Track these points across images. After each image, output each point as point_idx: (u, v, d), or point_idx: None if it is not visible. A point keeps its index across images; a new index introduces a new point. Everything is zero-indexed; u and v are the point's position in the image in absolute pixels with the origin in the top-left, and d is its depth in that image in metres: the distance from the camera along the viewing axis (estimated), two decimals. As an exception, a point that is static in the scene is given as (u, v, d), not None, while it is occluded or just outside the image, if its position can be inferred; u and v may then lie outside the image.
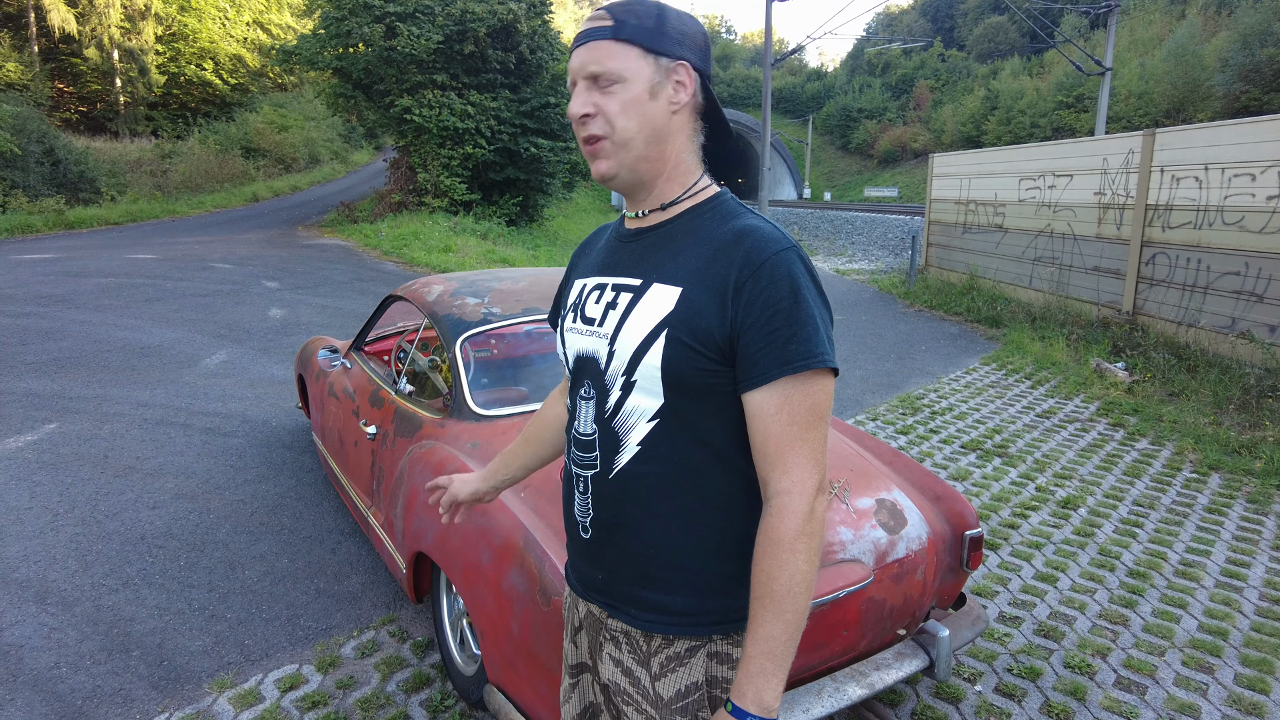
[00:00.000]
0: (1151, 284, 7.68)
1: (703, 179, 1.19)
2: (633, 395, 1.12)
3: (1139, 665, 2.84)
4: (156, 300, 9.63)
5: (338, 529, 3.89)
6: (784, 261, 1.05)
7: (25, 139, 21.37)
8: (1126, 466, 4.84)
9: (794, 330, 1.02)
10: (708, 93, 1.16)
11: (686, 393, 1.09)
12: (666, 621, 1.15)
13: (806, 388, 1.03)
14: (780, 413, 1.03)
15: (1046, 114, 38.78)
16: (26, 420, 5.36)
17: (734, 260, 1.06)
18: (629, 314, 1.13)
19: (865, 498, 2.45)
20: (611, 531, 1.18)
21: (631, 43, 1.10)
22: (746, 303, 1.04)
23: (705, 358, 1.06)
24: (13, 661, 2.81)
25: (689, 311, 1.07)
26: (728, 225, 1.11)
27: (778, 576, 1.01)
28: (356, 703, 2.62)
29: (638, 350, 1.10)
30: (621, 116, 1.10)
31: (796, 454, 1.03)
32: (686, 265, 1.11)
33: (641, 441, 1.12)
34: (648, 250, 1.17)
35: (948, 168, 12.14)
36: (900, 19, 70.87)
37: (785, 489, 1.03)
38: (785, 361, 1.02)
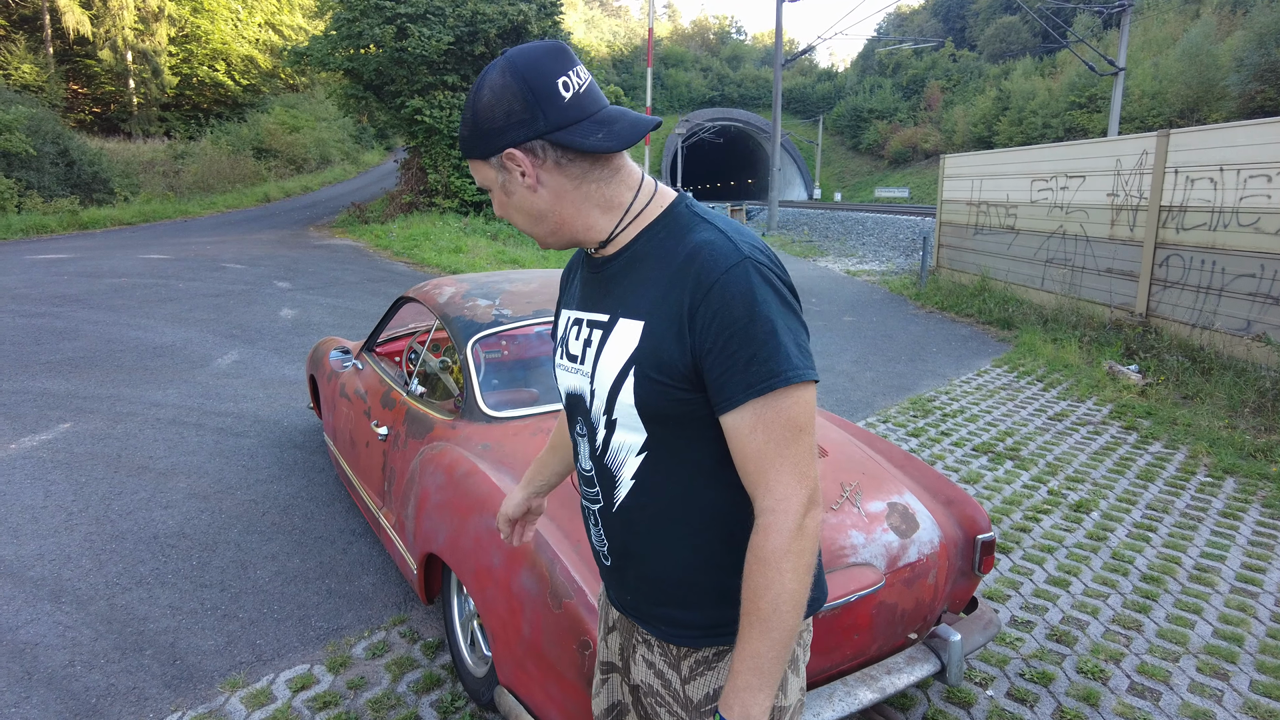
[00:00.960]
0: (1165, 286, 7.63)
1: (639, 195, 1.13)
2: (617, 432, 1.13)
3: (1153, 671, 2.82)
4: (169, 300, 9.69)
5: (349, 529, 3.90)
6: (735, 278, 1.01)
7: (40, 140, 21.57)
8: (1140, 470, 4.80)
9: (753, 350, 0.99)
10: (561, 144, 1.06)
11: (666, 424, 1.08)
12: (691, 635, 1.18)
13: (778, 404, 1.01)
14: (754, 433, 1.01)
15: (1058, 114, 38.59)
16: (41, 419, 5.40)
17: (685, 285, 1.04)
18: (601, 352, 1.13)
19: (877, 501, 2.44)
20: (626, 559, 1.21)
21: (470, 157, 1.11)
22: (701, 328, 1.01)
23: (675, 388, 1.05)
24: (28, 659, 2.83)
25: (652, 344, 1.06)
26: (681, 244, 1.08)
27: (764, 594, 1.01)
28: (367, 703, 2.63)
29: (612, 388, 1.10)
30: (510, 215, 1.14)
31: (778, 471, 1.02)
32: (647, 295, 1.09)
33: (634, 475, 1.13)
34: (611, 283, 1.15)
35: (959, 168, 12.09)
36: (911, 19, 70.66)
37: (770, 506, 1.02)
38: (749, 385, 1.00)
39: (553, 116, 1.04)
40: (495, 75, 1.05)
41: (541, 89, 1.04)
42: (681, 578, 1.15)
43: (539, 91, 1.04)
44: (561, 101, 1.04)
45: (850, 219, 23.41)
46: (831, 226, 23.51)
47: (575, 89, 1.05)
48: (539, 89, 1.04)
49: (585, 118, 1.06)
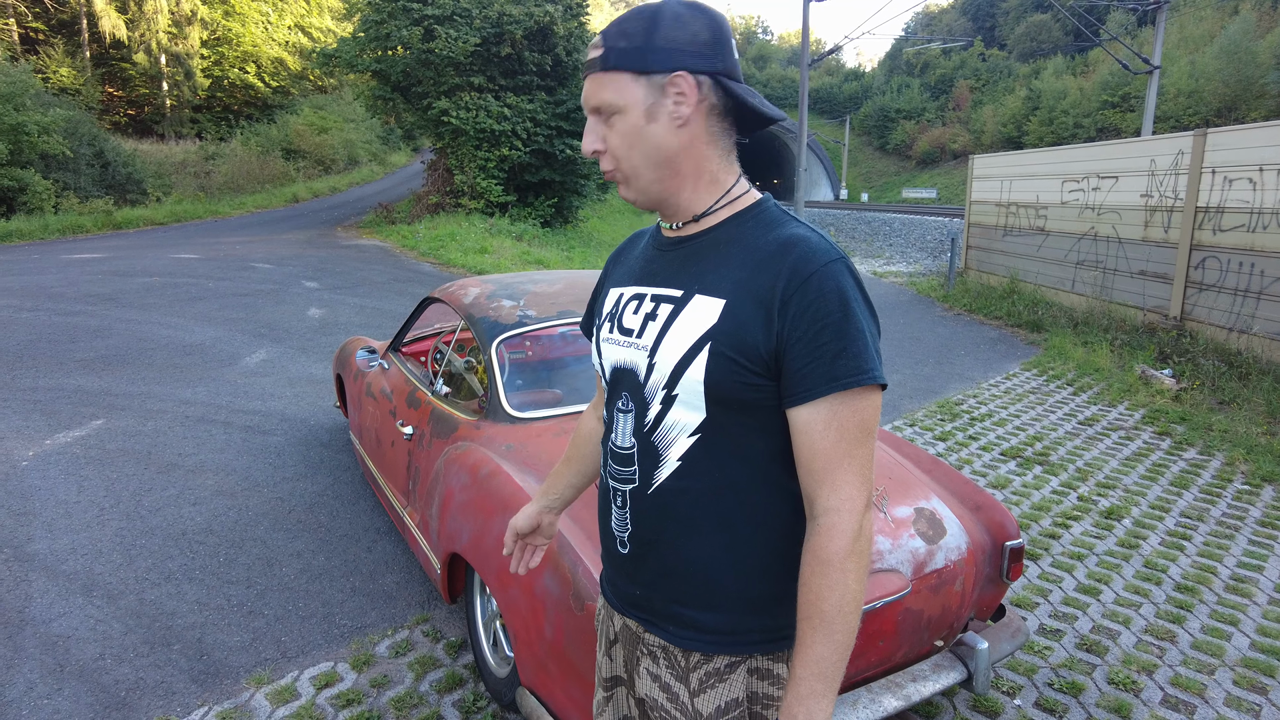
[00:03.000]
0: (1201, 288, 7.47)
1: (739, 184, 1.13)
2: (674, 409, 1.09)
3: (1187, 684, 2.75)
4: (199, 299, 9.84)
5: (373, 528, 3.93)
6: (833, 273, 1.01)
7: (77, 142, 22.01)
8: (1173, 477, 4.70)
9: (843, 345, 0.99)
10: (726, 89, 1.07)
11: (730, 407, 1.06)
12: (705, 639, 1.13)
13: (855, 403, 1.00)
14: (829, 429, 1.00)
15: (1090, 114, 38.02)
16: (75, 416, 5.50)
17: (780, 271, 1.02)
18: (670, 326, 1.09)
19: (904, 506, 2.41)
20: (650, 547, 1.16)
21: (620, 69, 1.06)
22: (794, 316, 1.00)
23: (750, 372, 1.03)
24: (60, 652, 2.88)
25: (733, 324, 1.04)
26: (772, 234, 1.07)
27: (828, 597, 0.98)
28: (390, 702, 2.64)
29: (679, 364, 1.07)
30: (624, 149, 1.08)
31: (845, 471, 1.00)
32: (730, 276, 1.07)
33: (682, 457, 1.10)
34: (688, 260, 1.13)
35: (988, 169, 11.94)
36: (940, 18, 69.97)
37: (834, 506, 1.00)
38: (834, 378, 0.99)
39: (730, 61, 1.06)
40: (679, 4, 1.05)
41: (726, 32, 1.05)
42: (706, 575, 1.11)
43: (724, 33, 1.05)
44: (735, 55, 1.07)
45: (877, 220, 23.22)
46: (858, 227, 23.33)
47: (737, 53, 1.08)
48: (724, 31, 1.05)
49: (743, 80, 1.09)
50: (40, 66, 29.56)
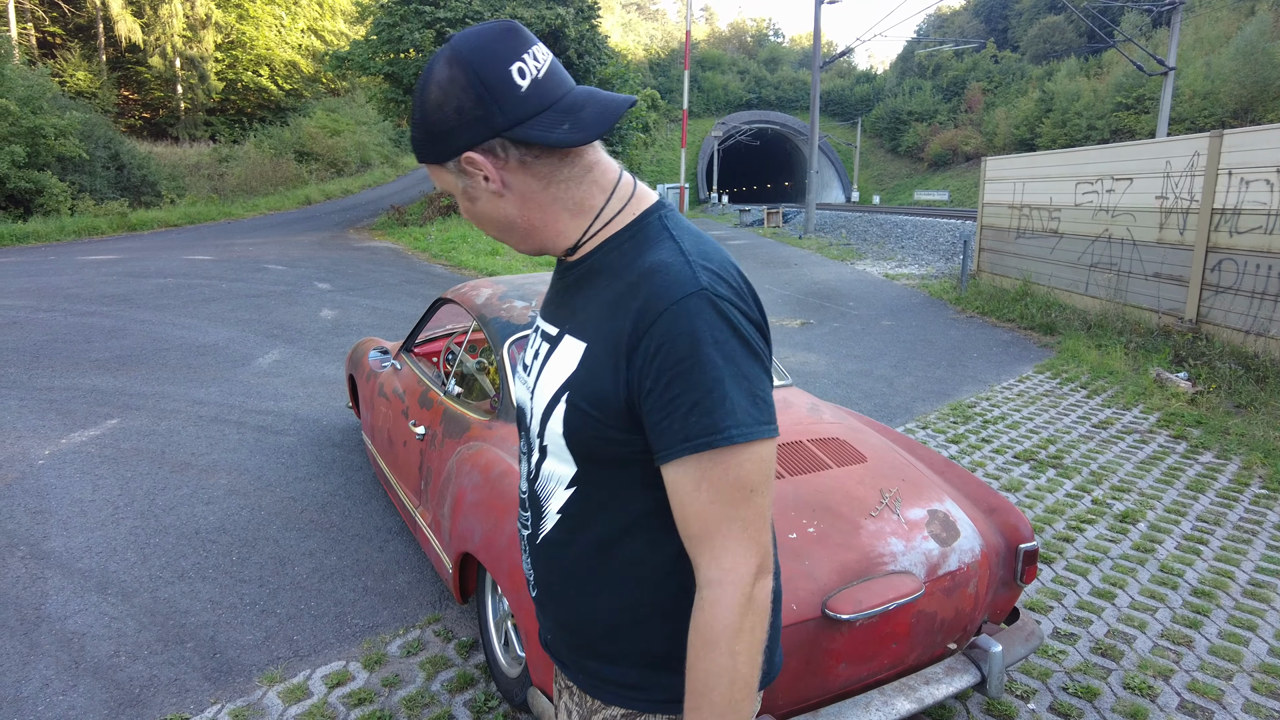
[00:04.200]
0: (1217, 291, 7.41)
1: (613, 198, 1.01)
2: (548, 460, 1.02)
3: (1204, 689, 2.72)
4: (212, 300, 9.90)
5: (385, 528, 3.94)
6: (685, 311, 0.87)
7: (93, 145, 22.24)
8: (1189, 480, 4.66)
9: (696, 397, 0.86)
10: (525, 140, 0.92)
11: (599, 461, 0.97)
12: (605, 690, 1.06)
13: (725, 461, 0.87)
14: (699, 490, 0.88)
15: (1104, 115, 37.80)
16: (90, 415, 5.55)
17: (629, 311, 0.91)
18: (543, 369, 1.03)
19: (917, 508, 2.39)
20: (547, 595, 1.10)
21: (426, 162, 0.99)
22: (641, 364, 0.89)
23: (607, 426, 0.93)
24: (75, 649, 2.90)
25: (587, 373, 0.95)
26: (639, 261, 0.95)
27: (715, 685, 0.88)
28: (402, 701, 2.65)
29: (544, 413, 1.00)
30: (480, 221, 1.02)
31: (725, 536, 0.88)
32: (595, 315, 0.97)
33: (560, 509, 1.02)
34: (567, 293, 1.05)
35: (1001, 171, 11.88)
36: (952, 20, 69.71)
37: (716, 578, 0.88)
38: (686, 437, 0.87)
39: (510, 110, 0.91)
40: (441, 67, 0.91)
41: (494, 79, 0.90)
42: (597, 630, 1.04)
43: (491, 82, 0.90)
44: (518, 92, 0.90)
45: (889, 222, 23.15)
46: (870, 229, 23.25)
47: (533, 74, 0.91)
48: (491, 80, 0.90)
49: (547, 107, 0.92)
50: (57, 70, 29.90)
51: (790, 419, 2.88)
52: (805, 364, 7.51)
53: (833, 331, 9.16)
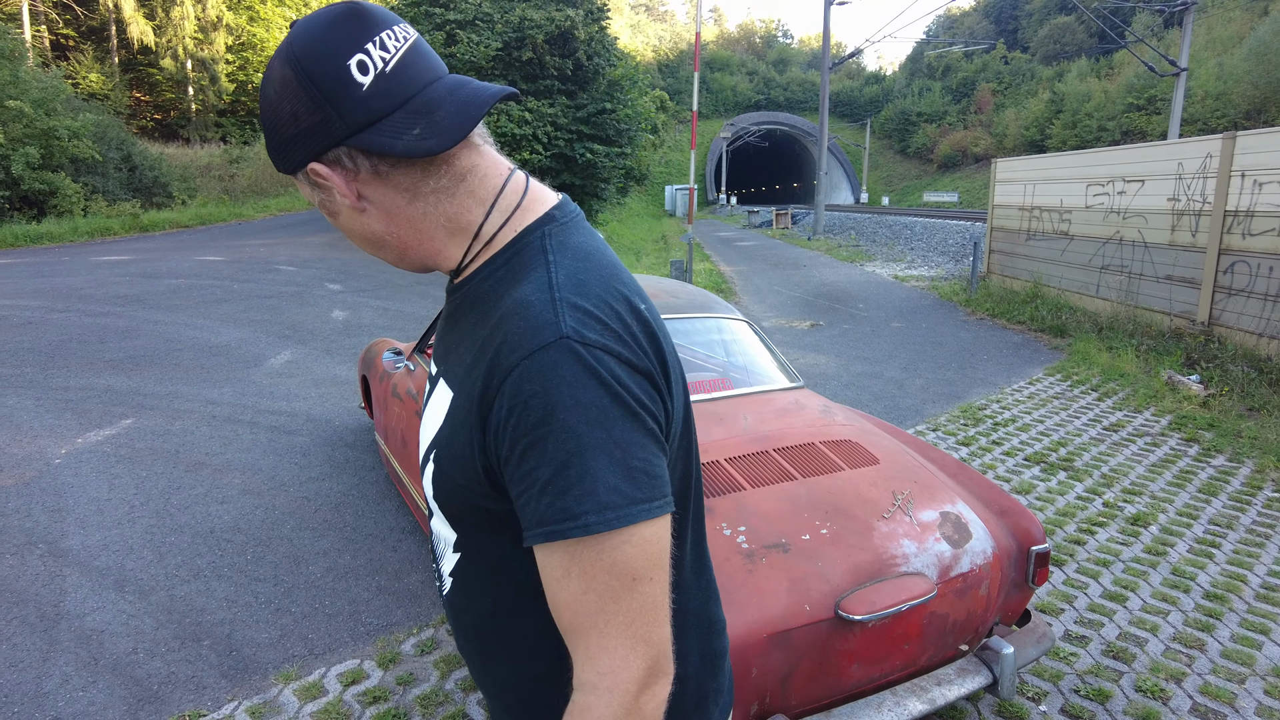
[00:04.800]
0: (1230, 293, 7.38)
1: (490, 218, 0.85)
2: (434, 519, 0.92)
3: (1217, 692, 2.72)
4: (224, 301, 9.97)
5: (398, 527, 3.97)
6: (539, 368, 0.72)
7: (106, 146, 22.39)
8: (1201, 484, 4.65)
9: (549, 475, 0.71)
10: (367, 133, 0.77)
11: (476, 526, 0.85)
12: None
13: (596, 547, 0.71)
14: (567, 578, 0.73)
15: (1115, 117, 37.61)
16: (105, 415, 5.60)
17: (484, 360, 0.77)
18: (424, 418, 0.91)
19: (929, 510, 2.40)
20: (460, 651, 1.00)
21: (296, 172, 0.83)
22: (496, 430, 0.75)
23: (473, 493, 0.81)
24: (94, 646, 2.94)
25: (451, 432, 0.82)
26: (506, 297, 0.80)
27: None
28: (416, 699, 2.67)
29: (421, 469, 0.89)
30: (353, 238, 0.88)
31: (603, 634, 0.73)
32: (463, 360, 0.83)
33: (452, 573, 0.92)
34: (447, 325, 0.91)
35: (1011, 173, 11.85)
36: (962, 21, 69.54)
37: (589, 682, 0.73)
38: (540, 521, 0.72)
39: (350, 113, 0.76)
40: (277, 65, 0.78)
41: (328, 78, 0.75)
42: (508, 698, 0.93)
43: (324, 82, 0.75)
44: (359, 91, 0.76)
45: (898, 223, 23.10)
46: (879, 231, 23.22)
47: (378, 68, 0.76)
48: (324, 79, 0.75)
49: (397, 107, 0.77)
50: (71, 72, 30.12)
51: (802, 421, 2.90)
52: (815, 365, 7.51)
53: (842, 333, 9.16)
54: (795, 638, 2.00)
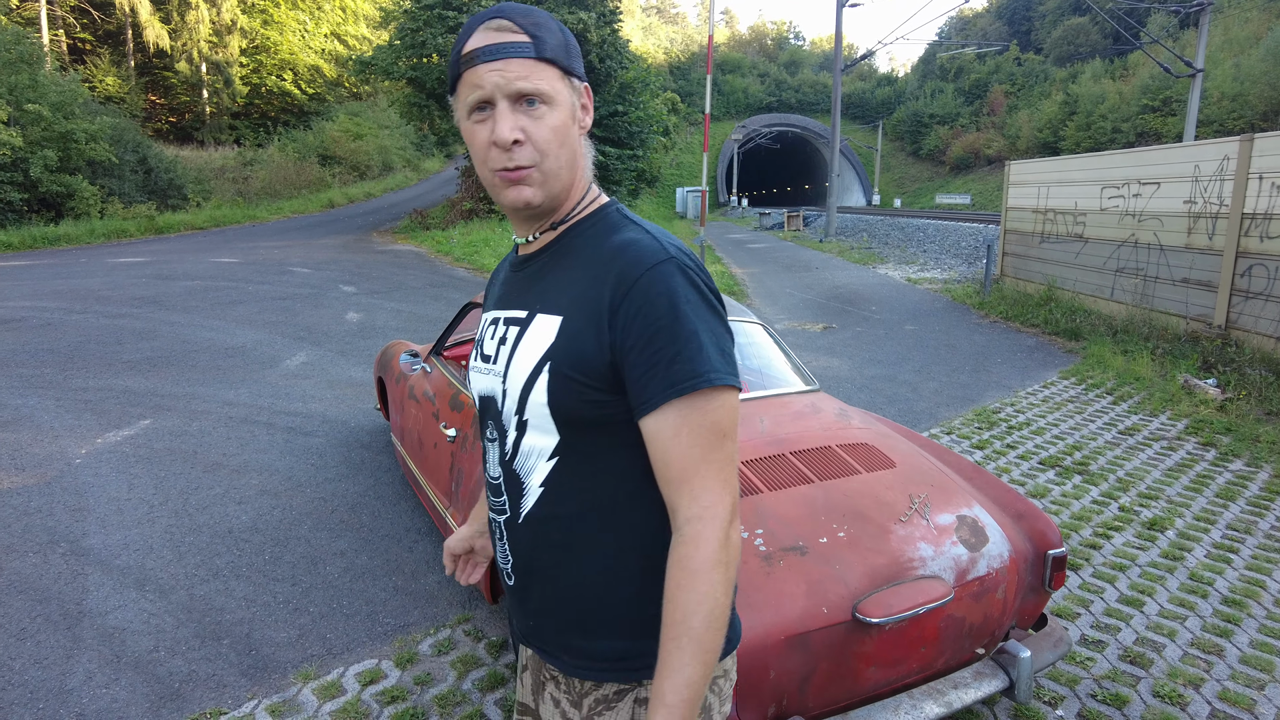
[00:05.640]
0: (1247, 297, 7.33)
1: (591, 191, 1.12)
2: (528, 434, 1.05)
3: (1236, 699, 2.71)
4: (239, 303, 10.05)
5: (415, 528, 3.99)
6: (660, 276, 0.96)
7: (122, 149, 22.60)
8: (1219, 488, 4.62)
9: (677, 349, 0.94)
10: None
11: (581, 427, 1.02)
12: (595, 667, 1.08)
13: (703, 406, 0.95)
14: (678, 436, 0.95)
15: (1130, 118, 37.35)
16: (124, 416, 5.66)
17: (607, 280, 0.99)
18: (516, 349, 1.06)
19: (946, 514, 2.41)
20: (531, 578, 1.11)
21: (552, 63, 1.00)
22: (623, 326, 0.96)
23: (591, 389, 0.99)
24: (116, 644, 2.97)
25: (568, 341, 1.00)
26: (608, 241, 1.04)
27: (697, 611, 0.92)
28: (434, 699, 2.69)
29: (524, 386, 1.03)
30: (553, 145, 1.01)
31: (703, 477, 0.95)
32: (568, 291, 1.03)
33: (544, 483, 1.05)
34: (534, 278, 1.10)
35: (1025, 175, 11.80)
36: (974, 22, 69.22)
37: (696, 514, 0.94)
38: (671, 384, 0.94)
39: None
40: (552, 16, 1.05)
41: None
42: (589, 603, 1.06)
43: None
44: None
45: (910, 225, 23.03)
46: (891, 233, 23.15)
47: None
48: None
49: None
50: (88, 76, 30.42)
51: (819, 424, 2.90)
52: (828, 368, 7.50)
53: (855, 336, 9.14)
54: (813, 640, 2.01)
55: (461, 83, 1.02)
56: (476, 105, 1.00)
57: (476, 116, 1.01)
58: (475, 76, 0.99)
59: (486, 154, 1.02)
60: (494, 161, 1.01)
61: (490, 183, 1.05)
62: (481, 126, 1.01)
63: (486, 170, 1.03)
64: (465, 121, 1.04)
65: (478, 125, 1.02)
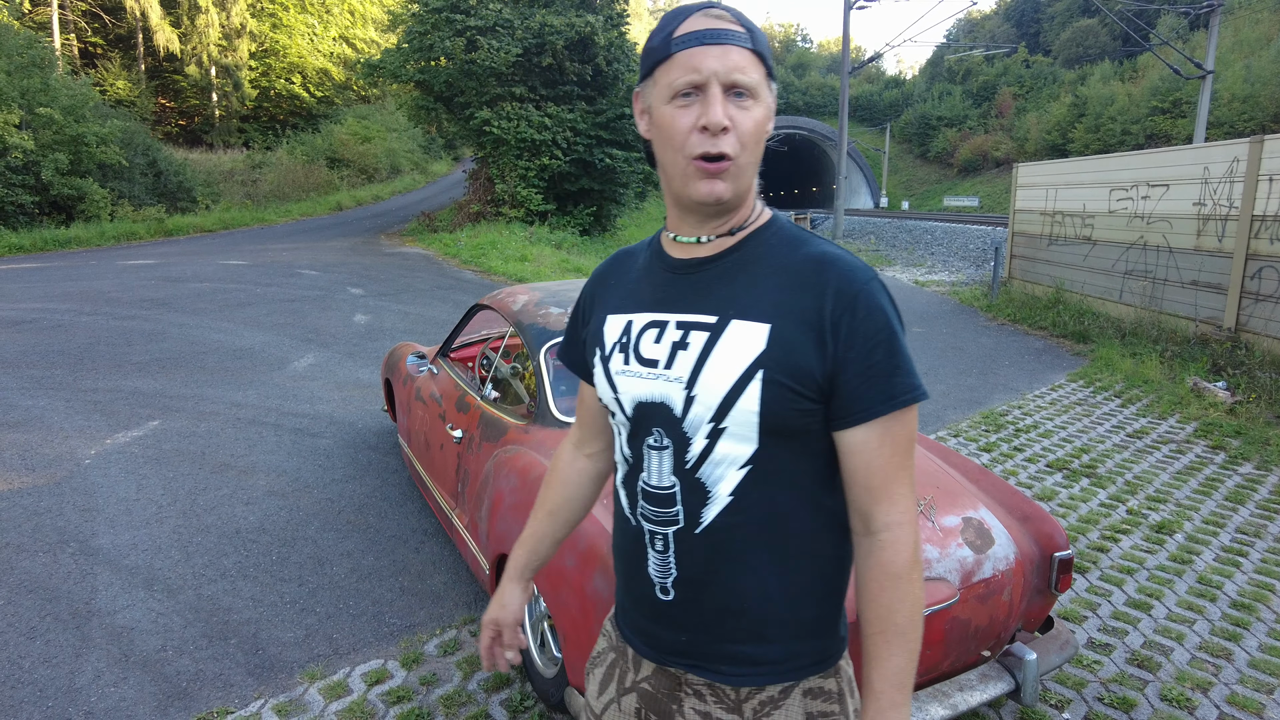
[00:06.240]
0: (1257, 299, 7.29)
1: (758, 201, 1.12)
2: (721, 442, 1.03)
3: (1245, 702, 2.69)
4: (248, 305, 10.09)
5: (421, 529, 4.00)
6: (875, 291, 1.01)
7: (132, 152, 22.74)
8: (1228, 491, 4.59)
9: (895, 363, 0.99)
10: None
11: (782, 436, 1.02)
12: (759, 672, 1.08)
13: (906, 419, 1.01)
14: (883, 447, 1.01)
15: (1139, 120, 37.20)
16: (133, 417, 5.69)
17: (823, 292, 1.00)
18: (708, 355, 1.03)
19: (952, 516, 2.40)
20: (699, 590, 1.08)
21: (762, 59, 1.01)
22: (846, 337, 0.98)
23: (804, 398, 1.00)
24: (125, 643, 2.99)
25: (783, 350, 0.99)
26: (800, 252, 1.05)
27: (899, 609, 1.00)
28: (439, 699, 2.70)
29: (728, 395, 1.01)
30: (753, 138, 1.01)
31: (900, 485, 1.02)
32: (766, 298, 1.02)
33: (733, 492, 1.04)
34: (714, 283, 1.07)
35: (1033, 177, 11.77)
36: (982, 25, 69.06)
37: (896, 520, 1.02)
38: (890, 396, 0.99)
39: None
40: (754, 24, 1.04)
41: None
42: (761, 608, 1.06)
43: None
44: None
45: (918, 228, 22.98)
46: (899, 235, 23.11)
47: None
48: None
49: None
50: (99, 79, 30.63)
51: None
52: (834, 371, 7.48)
53: (862, 338, 9.11)
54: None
55: (670, 64, 0.99)
56: (684, 89, 0.98)
57: (680, 101, 0.99)
58: (691, 58, 0.97)
59: (687, 139, 0.99)
60: (694, 146, 0.99)
61: (681, 170, 1.02)
62: (685, 111, 0.99)
63: (680, 156, 1.00)
64: (664, 106, 1.01)
65: (680, 110, 0.99)
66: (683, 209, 1.08)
